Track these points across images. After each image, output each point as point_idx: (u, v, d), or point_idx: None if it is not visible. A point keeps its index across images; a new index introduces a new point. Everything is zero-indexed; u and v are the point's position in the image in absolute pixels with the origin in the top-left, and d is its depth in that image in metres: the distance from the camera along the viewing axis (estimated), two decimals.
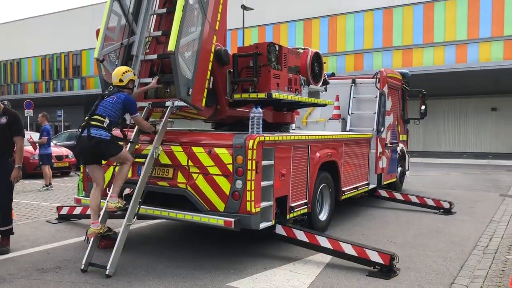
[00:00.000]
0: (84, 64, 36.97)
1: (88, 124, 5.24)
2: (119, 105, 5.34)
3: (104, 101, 5.37)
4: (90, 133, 5.18)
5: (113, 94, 5.40)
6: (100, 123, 5.22)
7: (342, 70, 25.79)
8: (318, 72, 7.06)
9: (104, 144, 5.23)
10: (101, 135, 5.19)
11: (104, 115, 5.26)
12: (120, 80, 5.49)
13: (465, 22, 23.15)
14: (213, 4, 5.73)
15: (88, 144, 5.22)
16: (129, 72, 5.59)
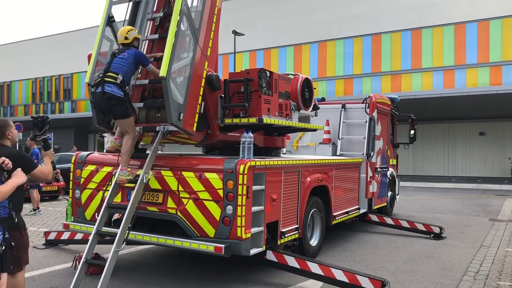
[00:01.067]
0: (75, 87, 36.98)
1: (102, 80, 5.34)
2: (131, 60, 5.45)
3: (116, 59, 5.48)
4: (104, 89, 5.29)
5: (123, 51, 5.52)
6: (114, 80, 5.33)
7: (332, 95, 26.08)
8: (308, 98, 7.13)
9: (115, 101, 5.31)
10: (113, 92, 5.29)
11: (117, 72, 5.37)
12: (125, 37, 5.60)
13: (452, 49, 23.63)
14: (204, 30, 5.81)
15: (101, 100, 5.35)
16: (133, 31, 5.71)
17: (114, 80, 5.33)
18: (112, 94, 5.29)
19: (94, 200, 6.10)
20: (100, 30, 5.95)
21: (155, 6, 6.37)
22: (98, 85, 5.38)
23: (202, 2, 5.87)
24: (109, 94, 5.28)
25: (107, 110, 5.44)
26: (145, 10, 6.27)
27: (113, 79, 5.33)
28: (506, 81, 22.07)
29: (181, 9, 5.42)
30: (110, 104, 5.33)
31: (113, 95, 5.29)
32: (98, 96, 5.38)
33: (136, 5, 6.26)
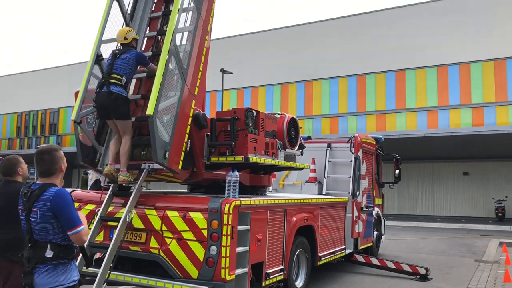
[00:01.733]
0: (61, 122, 36.80)
1: (107, 81, 5.54)
2: (133, 61, 5.71)
3: (118, 60, 5.68)
4: (110, 89, 5.49)
5: (124, 52, 5.73)
6: (119, 81, 5.56)
7: (318, 133, 26.33)
8: (295, 137, 7.19)
9: (121, 101, 5.54)
10: (120, 92, 5.53)
11: (121, 73, 5.61)
12: (124, 38, 5.83)
13: (435, 90, 24.19)
14: (192, 70, 5.88)
15: (107, 99, 5.50)
16: (132, 32, 5.95)
17: (119, 81, 5.57)
18: (119, 94, 5.52)
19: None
20: (88, 68, 5.98)
21: (143, 46, 6.47)
22: (102, 85, 5.59)
23: (190, 42, 5.98)
24: (116, 94, 5.50)
25: (113, 109, 5.56)
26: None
27: (118, 81, 5.57)
28: (488, 122, 22.55)
29: (170, 49, 5.50)
30: (116, 104, 5.51)
31: (120, 95, 5.52)
32: (103, 96, 5.53)
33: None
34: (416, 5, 25.82)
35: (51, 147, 3.50)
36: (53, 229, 3.14)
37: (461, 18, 24.00)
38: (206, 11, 6.30)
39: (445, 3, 24.83)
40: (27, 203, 3.19)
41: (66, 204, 3.16)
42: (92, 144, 6.01)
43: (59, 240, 3.16)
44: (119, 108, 5.56)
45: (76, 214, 3.20)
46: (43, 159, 3.33)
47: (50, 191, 3.17)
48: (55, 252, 3.14)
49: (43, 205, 3.13)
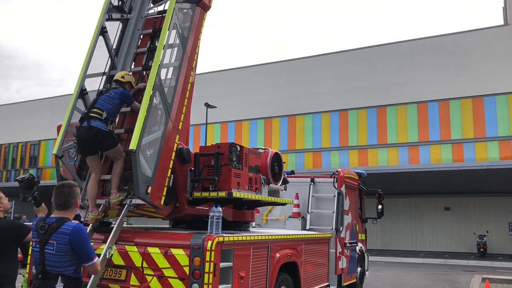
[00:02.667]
0: (42, 155, 36.27)
1: (88, 116, 5.61)
2: (116, 99, 5.77)
3: (102, 96, 5.81)
4: (90, 124, 5.52)
5: (110, 90, 5.89)
6: (99, 116, 5.60)
7: (301, 167, 26.43)
8: (278, 172, 7.19)
9: (102, 135, 5.55)
10: (99, 126, 5.54)
11: (102, 108, 5.65)
12: (122, 76, 6.04)
13: (415, 126, 24.65)
14: (177, 105, 5.91)
15: (87, 134, 5.54)
16: (130, 76, 6.16)
17: (99, 116, 5.61)
18: (99, 129, 5.54)
19: None
20: (72, 102, 5.96)
21: None
22: (83, 120, 5.65)
23: (175, 78, 6.02)
24: (96, 129, 5.53)
25: (94, 143, 5.59)
26: None
27: (98, 115, 5.61)
28: (467, 158, 22.96)
29: (155, 84, 5.52)
30: (98, 138, 5.54)
31: (100, 130, 5.55)
32: (83, 130, 5.59)
33: (110, 78, 6.36)
34: (396, 43, 26.63)
35: (71, 182, 3.73)
36: (66, 261, 3.34)
37: (439, 57, 24.78)
38: (191, 48, 6.39)
39: (423, 42, 25.66)
40: (43, 236, 3.36)
41: (84, 238, 3.40)
42: (73, 179, 5.92)
43: (71, 273, 3.36)
44: (102, 142, 5.58)
45: (91, 247, 3.47)
46: (63, 191, 3.53)
47: (68, 225, 3.38)
48: (66, 284, 3.35)
49: (61, 238, 3.33)
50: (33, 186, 4.62)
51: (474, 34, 24.76)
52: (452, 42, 24.87)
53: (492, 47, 23.73)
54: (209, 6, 6.89)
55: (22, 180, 4.74)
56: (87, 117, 5.60)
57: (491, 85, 22.92)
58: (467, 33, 25.09)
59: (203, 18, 6.79)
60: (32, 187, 4.62)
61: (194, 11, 6.58)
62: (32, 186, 4.64)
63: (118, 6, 6.77)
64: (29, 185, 4.66)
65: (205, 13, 6.84)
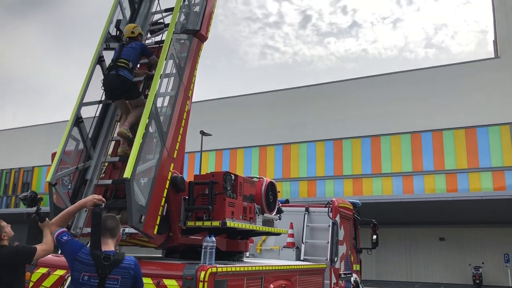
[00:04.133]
0: (35, 181, 35.97)
1: (116, 65, 6.03)
2: (138, 50, 6.29)
3: (125, 48, 6.25)
4: (118, 72, 5.96)
5: (130, 43, 6.34)
6: (126, 65, 6.05)
7: (296, 195, 26.34)
8: (273, 201, 7.18)
9: (128, 83, 6.05)
10: (126, 75, 6.02)
11: (128, 59, 6.12)
12: (131, 32, 6.48)
13: (409, 155, 24.78)
14: (172, 133, 5.93)
15: (115, 82, 5.99)
16: (138, 28, 6.62)
17: (126, 65, 6.06)
18: (126, 77, 6.02)
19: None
20: (67, 130, 5.96)
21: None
22: (110, 69, 6.09)
23: (171, 106, 6.07)
24: (124, 77, 5.98)
25: (121, 91, 6.06)
26: (114, 112, 6.40)
27: (125, 65, 6.06)
28: (461, 188, 23.01)
29: (151, 112, 5.56)
30: (125, 86, 6.02)
31: (127, 78, 6.03)
32: (112, 78, 6.03)
33: (105, 107, 6.40)
34: (390, 74, 27.05)
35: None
36: None
37: (432, 87, 25.15)
38: (187, 77, 6.46)
39: (417, 73, 26.08)
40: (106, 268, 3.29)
41: (141, 272, 3.57)
42: (66, 206, 5.87)
43: None
44: (128, 90, 6.10)
45: None
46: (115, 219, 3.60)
47: (129, 259, 3.46)
48: None
49: (125, 272, 3.37)
50: (37, 203, 4.62)
51: (466, 66, 25.23)
52: (445, 74, 25.29)
53: (484, 79, 24.14)
54: (206, 37, 7.01)
55: (25, 198, 4.78)
56: (115, 66, 6.03)
57: (483, 116, 23.20)
58: (459, 65, 25.58)
59: (200, 49, 6.90)
60: (35, 204, 4.63)
61: (191, 41, 6.69)
62: (36, 202, 4.65)
63: (116, 35, 6.88)
64: (33, 202, 4.69)
65: (202, 44, 6.95)
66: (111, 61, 6.22)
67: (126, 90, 6.08)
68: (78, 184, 5.96)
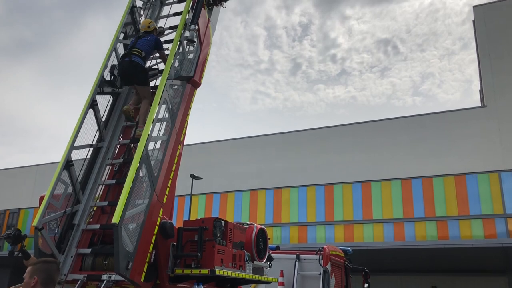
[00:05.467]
0: (20, 223, 35.16)
1: (130, 53, 6.71)
2: (152, 42, 6.98)
3: (140, 40, 6.93)
4: (131, 58, 6.63)
5: (146, 35, 7.03)
6: (139, 54, 6.75)
7: (286, 241, 25.96)
8: (263, 248, 7.08)
9: (140, 68, 6.70)
10: (139, 61, 6.70)
11: (141, 49, 6.81)
12: (148, 26, 7.18)
13: (400, 202, 24.74)
14: (163, 178, 5.91)
15: (129, 66, 6.65)
16: (153, 23, 7.33)
17: (139, 54, 6.73)
18: (139, 63, 6.65)
19: None
20: (57, 173, 5.92)
21: (115, 153, 6.52)
22: (125, 56, 6.76)
23: (163, 151, 6.08)
24: (136, 62, 6.62)
25: (133, 76, 6.68)
26: (105, 156, 6.39)
27: (139, 53, 6.73)
28: (452, 235, 22.88)
29: (142, 157, 5.55)
30: (137, 70, 6.64)
31: (139, 64, 6.66)
32: (126, 63, 6.69)
33: (96, 151, 6.39)
34: (381, 121, 27.45)
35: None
36: None
37: (421, 135, 25.51)
38: (180, 122, 6.51)
39: (407, 120, 26.51)
40: None
41: None
42: (51, 252, 5.73)
43: None
44: (139, 75, 6.67)
45: None
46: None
47: None
48: None
49: None
50: (21, 241, 4.52)
51: (454, 114, 25.72)
52: (434, 121, 25.73)
53: (471, 127, 24.57)
54: (199, 83, 7.13)
55: (9, 236, 4.70)
56: (129, 54, 6.69)
57: (472, 164, 23.44)
58: (448, 113, 26.06)
59: (193, 95, 7.00)
60: (19, 241, 4.52)
61: (185, 87, 6.79)
62: (20, 240, 4.54)
63: (110, 80, 6.96)
64: (17, 240, 4.58)
65: (195, 90, 7.06)
66: (127, 50, 6.91)
67: (138, 74, 6.67)
68: (65, 229, 5.85)
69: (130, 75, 6.70)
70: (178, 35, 6.91)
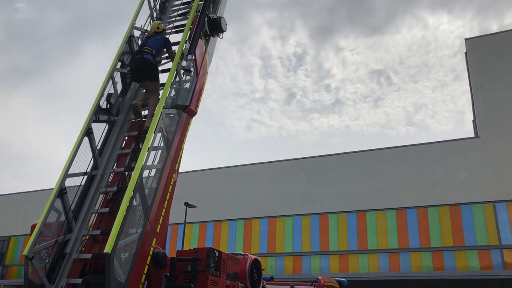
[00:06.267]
0: (10, 251, 34.51)
1: (142, 51, 7.31)
2: (161, 41, 7.63)
3: (151, 39, 7.58)
4: (143, 56, 7.24)
5: (157, 35, 7.70)
6: (150, 52, 7.33)
7: (281, 271, 25.59)
8: (257, 279, 7.00)
9: (150, 64, 7.28)
10: (150, 58, 7.27)
11: (152, 47, 7.41)
12: (157, 27, 7.86)
13: (395, 232, 24.57)
14: (156, 207, 5.87)
15: (140, 62, 7.23)
16: (162, 24, 8.06)
17: (150, 52, 7.32)
18: (149, 60, 7.23)
19: None
20: (50, 201, 5.86)
21: (110, 181, 6.49)
22: (137, 53, 7.39)
23: (157, 180, 6.05)
24: (147, 60, 7.19)
25: (144, 72, 7.24)
26: (99, 184, 6.35)
27: (150, 51, 7.31)
28: (448, 266, 22.67)
29: (136, 185, 5.52)
30: (148, 66, 7.20)
31: (150, 60, 7.23)
32: (138, 60, 7.30)
33: (90, 178, 6.35)
34: (375, 150, 27.54)
35: None
36: None
37: (415, 164, 25.58)
38: (175, 151, 6.51)
39: (400, 150, 26.63)
40: None
41: None
42: (41, 282, 5.62)
43: None
44: (150, 71, 7.22)
45: None
46: None
47: None
48: None
49: None
50: None
51: (448, 145, 25.88)
52: (429, 151, 25.85)
53: (465, 157, 24.70)
54: (195, 112, 7.17)
55: None
56: (140, 51, 7.29)
57: (467, 194, 23.45)
58: (442, 143, 26.23)
59: (188, 123, 7.03)
60: None
61: (180, 116, 6.82)
62: None
63: (106, 108, 6.99)
64: None
65: (190, 118, 7.09)
66: (138, 48, 7.52)
67: (148, 70, 7.20)
68: (56, 258, 5.76)
69: (141, 71, 7.27)
70: (175, 65, 6.99)
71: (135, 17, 8.30)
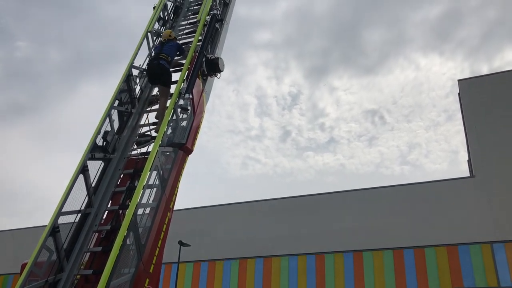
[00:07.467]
0: None
1: (158, 57, 8.09)
2: (175, 48, 8.47)
3: (166, 46, 8.33)
4: (159, 62, 8.01)
5: (170, 42, 8.47)
6: (166, 58, 8.12)
7: None
8: None
9: (166, 71, 8.10)
10: (165, 65, 8.07)
11: (168, 54, 8.20)
12: (169, 35, 8.65)
13: (392, 273, 24.19)
14: (150, 246, 5.77)
15: (156, 68, 8.03)
16: (173, 32, 8.89)
17: (166, 58, 8.10)
18: (165, 66, 8.05)
19: None
20: (41, 240, 5.77)
21: (103, 219, 6.41)
22: (154, 59, 8.16)
23: (151, 218, 5.99)
24: (162, 66, 8.01)
25: (159, 76, 8.05)
26: (93, 222, 6.27)
27: (165, 58, 8.09)
28: None
29: (130, 224, 5.46)
30: (162, 72, 8.01)
31: (165, 67, 8.06)
32: (154, 65, 8.08)
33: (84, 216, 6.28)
34: (372, 189, 27.42)
35: None
36: None
37: (411, 203, 25.42)
38: (170, 188, 6.48)
39: (395, 189, 26.52)
40: None
41: None
42: None
43: None
44: (164, 77, 8.03)
45: None
46: None
47: None
48: None
49: None
50: None
51: (444, 184, 25.84)
52: (424, 190, 25.75)
53: (461, 196, 24.61)
54: (191, 150, 7.18)
55: None
56: (157, 57, 8.05)
57: (464, 234, 23.23)
58: (437, 182, 26.21)
59: (184, 161, 7.02)
60: None
61: (176, 154, 6.82)
62: None
63: (102, 146, 6.99)
64: None
65: (187, 156, 7.09)
66: (154, 54, 8.26)
67: (163, 76, 7.97)
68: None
69: (157, 75, 8.05)
70: (172, 103, 7.05)
71: (134, 56, 8.45)
